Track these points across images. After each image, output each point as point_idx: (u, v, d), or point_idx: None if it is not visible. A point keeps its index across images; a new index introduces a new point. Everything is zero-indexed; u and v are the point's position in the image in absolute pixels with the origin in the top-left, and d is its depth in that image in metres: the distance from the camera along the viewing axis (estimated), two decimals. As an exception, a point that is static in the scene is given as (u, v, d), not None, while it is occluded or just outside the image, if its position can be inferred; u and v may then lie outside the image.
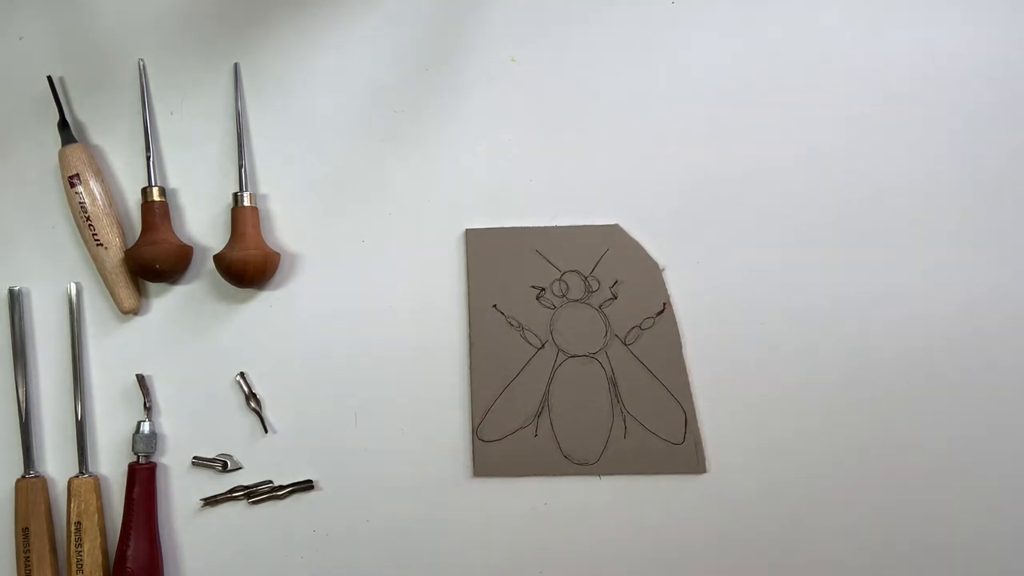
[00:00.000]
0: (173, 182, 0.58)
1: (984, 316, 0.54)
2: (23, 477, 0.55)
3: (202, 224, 0.58)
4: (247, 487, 0.56)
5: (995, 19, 0.56)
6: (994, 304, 0.54)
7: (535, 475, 0.55)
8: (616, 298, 0.56)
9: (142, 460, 0.55)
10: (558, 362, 0.56)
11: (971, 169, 0.55)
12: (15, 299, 0.57)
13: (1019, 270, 0.54)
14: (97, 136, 0.58)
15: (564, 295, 0.56)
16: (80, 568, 0.54)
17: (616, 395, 0.55)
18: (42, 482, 0.55)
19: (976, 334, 0.54)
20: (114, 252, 0.56)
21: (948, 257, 0.55)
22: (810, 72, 0.56)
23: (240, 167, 0.57)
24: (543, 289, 0.56)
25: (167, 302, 0.57)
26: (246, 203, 0.56)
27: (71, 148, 0.56)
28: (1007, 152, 0.55)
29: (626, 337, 0.55)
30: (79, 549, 0.54)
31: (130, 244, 0.56)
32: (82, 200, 0.55)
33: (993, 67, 0.56)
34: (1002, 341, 0.54)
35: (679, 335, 0.55)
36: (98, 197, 0.56)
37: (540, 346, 0.56)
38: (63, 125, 0.57)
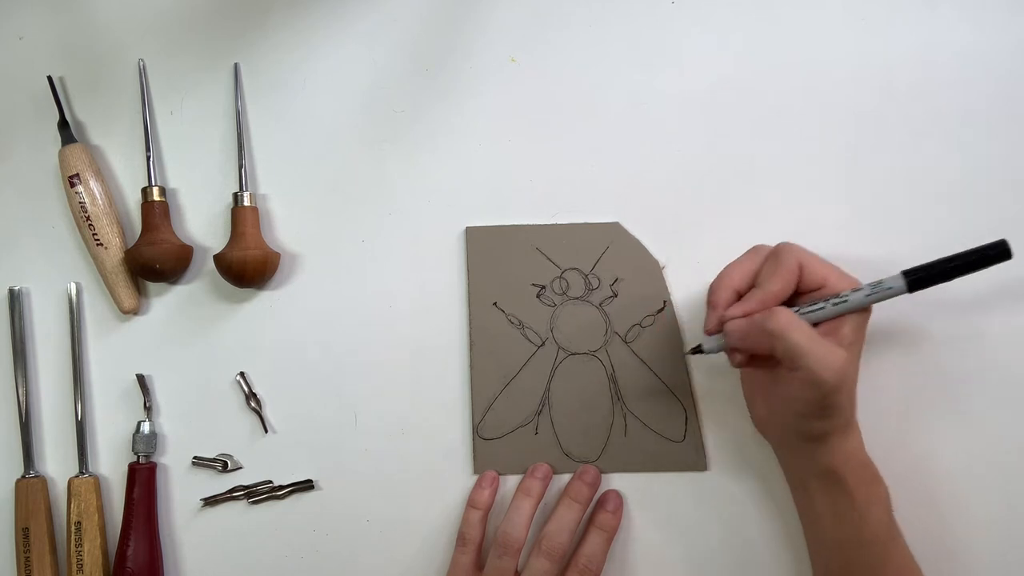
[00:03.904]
0: (173, 182, 0.58)
1: (983, 317, 0.54)
2: (23, 477, 0.55)
3: (202, 224, 0.58)
4: (247, 487, 0.56)
5: (995, 19, 0.56)
6: (996, 302, 0.54)
7: (536, 474, 0.55)
8: (616, 296, 0.55)
9: (142, 460, 0.55)
10: (558, 360, 0.55)
11: (970, 169, 0.55)
12: (15, 299, 0.57)
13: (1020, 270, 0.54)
14: (97, 136, 0.58)
15: (564, 293, 0.56)
16: (80, 568, 0.53)
17: (616, 393, 0.55)
18: (42, 482, 0.55)
19: (977, 336, 0.54)
20: (114, 252, 0.56)
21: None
22: (810, 72, 0.56)
23: (240, 167, 0.57)
24: (543, 287, 0.56)
25: (167, 302, 0.57)
26: (246, 203, 0.56)
27: (71, 148, 0.56)
28: (1007, 152, 0.55)
29: (626, 335, 0.55)
30: (79, 549, 0.54)
31: (130, 244, 0.56)
32: (82, 200, 0.55)
33: (993, 67, 0.56)
34: (1002, 345, 0.54)
35: (680, 333, 0.55)
36: (98, 197, 0.56)
37: (540, 344, 0.56)
38: (63, 125, 0.57)
